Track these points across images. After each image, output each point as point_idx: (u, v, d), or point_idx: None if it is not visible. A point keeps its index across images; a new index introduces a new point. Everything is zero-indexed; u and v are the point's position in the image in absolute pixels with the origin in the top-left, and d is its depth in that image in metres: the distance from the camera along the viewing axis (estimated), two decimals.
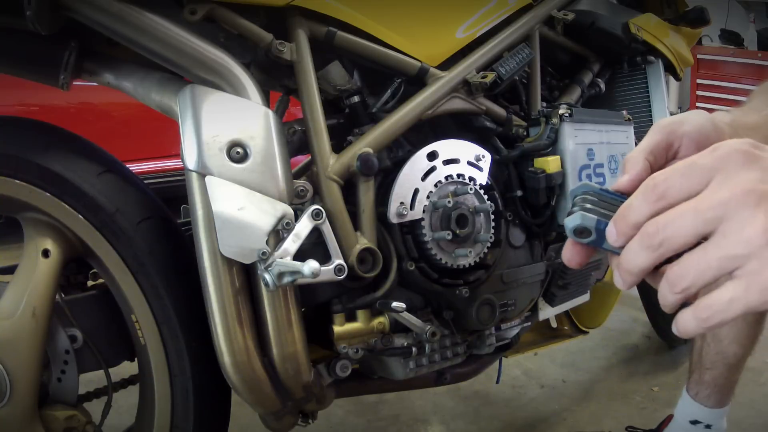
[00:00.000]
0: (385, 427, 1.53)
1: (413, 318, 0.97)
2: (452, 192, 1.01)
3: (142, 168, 2.92)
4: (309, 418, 1.04)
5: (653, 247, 0.38)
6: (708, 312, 0.36)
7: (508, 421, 1.56)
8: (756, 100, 0.61)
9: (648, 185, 0.39)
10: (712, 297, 0.36)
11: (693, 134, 0.47)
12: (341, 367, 1.00)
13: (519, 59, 1.13)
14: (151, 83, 0.94)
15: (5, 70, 0.95)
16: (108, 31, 0.85)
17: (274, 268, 0.81)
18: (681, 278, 0.37)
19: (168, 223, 0.96)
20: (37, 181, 0.87)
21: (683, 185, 0.38)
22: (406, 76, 1.06)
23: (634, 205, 0.39)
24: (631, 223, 0.39)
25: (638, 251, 0.39)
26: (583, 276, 1.26)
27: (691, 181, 0.38)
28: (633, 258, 0.39)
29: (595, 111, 1.20)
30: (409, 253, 0.99)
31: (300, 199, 0.93)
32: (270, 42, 0.93)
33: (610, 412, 1.59)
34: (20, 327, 0.86)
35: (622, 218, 0.40)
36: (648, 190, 0.39)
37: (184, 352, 0.92)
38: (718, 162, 0.37)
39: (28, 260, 0.89)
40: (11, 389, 0.85)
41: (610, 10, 1.30)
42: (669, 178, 0.38)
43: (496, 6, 1.17)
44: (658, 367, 1.83)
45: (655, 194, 0.39)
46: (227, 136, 0.84)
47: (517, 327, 1.20)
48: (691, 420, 1.25)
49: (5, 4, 0.82)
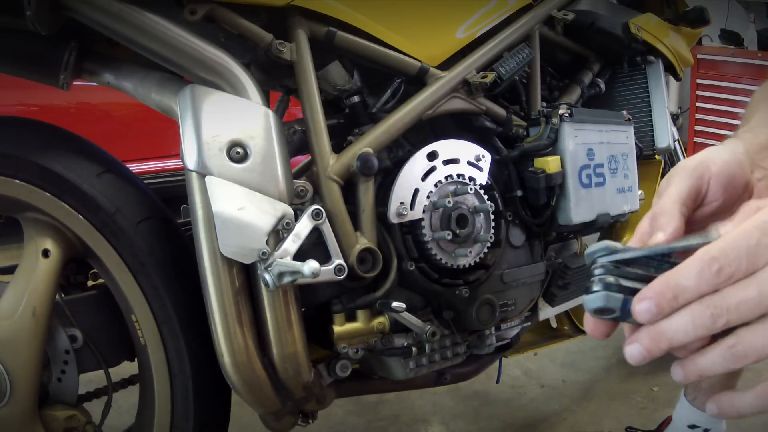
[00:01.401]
0: (385, 427, 1.53)
1: (413, 318, 0.97)
2: (452, 192, 1.01)
3: (142, 168, 2.92)
4: (309, 418, 1.04)
5: (712, 329, 0.35)
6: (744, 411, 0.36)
7: (508, 421, 1.56)
8: (759, 113, 0.57)
9: (705, 262, 0.35)
10: (742, 395, 0.36)
11: (721, 177, 0.44)
12: (341, 367, 1.00)
13: (519, 59, 1.13)
14: (151, 83, 0.94)
15: (5, 70, 0.95)
16: (108, 31, 0.85)
17: (274, 268, 0.81)
18: (744, 356, 0.35)
19: (168, 223, 0.96)
20: (37, 181, 0.87)
21: (749, 266, 0.35)
22: (406, 76, 1.06)
23: (686, 285, 0.36)
24: (680, 303, 0.36)
25: (691, 332, 0.36)
26: (583, 276, 1.26)
27: (758, 261, 0.35)
28: (685, 339, 0.36)
29: (595, 111, 1.20)
30: (409, 253, 0.99)
31: (300, 199, 0.93)
32: (270, 42, 0.93)
33: (610, 412, 1.59)
34: (20, 327, 0.86)
35: (667, 298, 0.36)
36: (706, 268, 0.35)
37: (184, 352, 0.92)
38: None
39: (28, 260, 0.89)
40: (11, 389, 0.85)
41: (610, 10, 1.30)
42: (732, 258, 0.35)
43: (496, 6, 1.17)
44: (658, 367, 1.83)
45: (714, 274, 0.35)
46: (227, 136, 0.84)
47: (517, 327, 1.20)
48: (689, 424, 1.25)
49: (5, 4, 0.82)
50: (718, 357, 0.36)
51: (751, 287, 0.34)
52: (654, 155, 1.51)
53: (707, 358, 0.36)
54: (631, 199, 1.23)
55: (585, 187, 1.15)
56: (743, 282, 0.35)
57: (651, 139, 1.49)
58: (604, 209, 1.18)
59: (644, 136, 1.47)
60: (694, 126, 4.26)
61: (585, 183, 1.15)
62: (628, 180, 1.24)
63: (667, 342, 0.37)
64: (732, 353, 0.35)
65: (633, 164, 1.27)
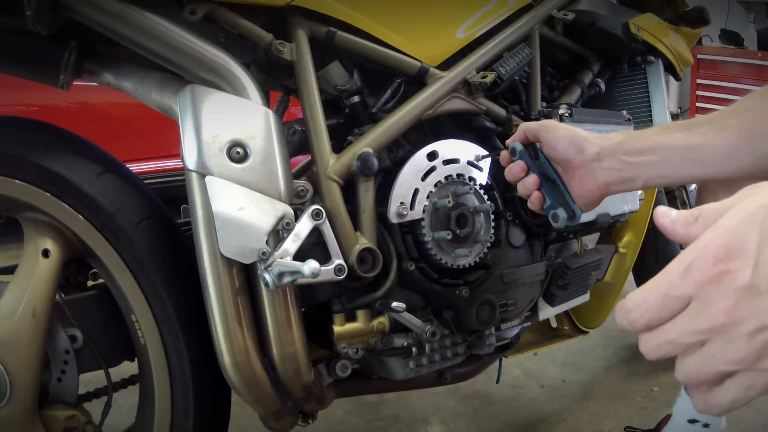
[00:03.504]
0: (385, 427, 1.53)
1: (413, 318, 0.97)
2: (452, 192, 1.01)
3: (142, 168, 2.92)
4: (309, 418, 1.04)
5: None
6: (716, 410, 0.39)
7: (508, 421, 1.56)
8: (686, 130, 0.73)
9: (621, 310, 0.41)
10: (717, 396, 0.38)
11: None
12: (341, 367, 1.00)
13: (519, 59, 1.13)
14: (151, 83, 0.94)
15: (5, 70, 0.95)
16: (108, 31, 0.85)
17: (274, 268, 0.81)
18: (686, 379, 0.39)
19: (168, 223, 0.96)
20: (37, 181, 0.87)
21: (663, 317, 0.39)
22: (406, 76, 1.06)
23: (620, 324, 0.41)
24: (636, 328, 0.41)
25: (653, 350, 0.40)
26: (583, 276, 1.26)
27: (672, 310, 0.39)
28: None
29: (595, 111, 1.20)
30: (409, 253, 0.99)
31: (300, 199, 0.93)
32: (270, 42, 0.93)
33: (610, 412, 1.59)
34: (20, 327, 0.86)
35: (625, 323, 0.41)
36: (622, 318, 0.40)
37: (184, 352, 0.92)
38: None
39: (28, 260, 0.89)
40: (11, 389, 0.85)
41: (610, 10, 1.30)
42: (644, 309, 0.39)
43: (496, 6, 1.17)
44: (658, 367, 1.83)
45: (630, 324, 0.40)
46: (227, 136, 0.84)
47: (517, 327, 1.20)
48: (689, 419, 1.25)
49: (5, 4, 0.82)
50: (679, 374, 0.40)
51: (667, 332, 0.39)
52: None
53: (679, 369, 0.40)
54: (631, 199, 1.23)
55: None
56: (664, 326, 0.39)
57: None
58: (604, 209, 1.18)
59: None
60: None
61: None
62: None
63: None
64: (679, 374, 0.39)
65: None
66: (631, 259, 1.46)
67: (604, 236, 1.51)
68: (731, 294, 0.35)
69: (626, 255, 1.46)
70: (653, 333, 0.39)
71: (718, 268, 0.36)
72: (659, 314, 0.38)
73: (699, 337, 0.37)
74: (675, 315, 0.38)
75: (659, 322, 0.39)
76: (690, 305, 0.37)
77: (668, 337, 0.38)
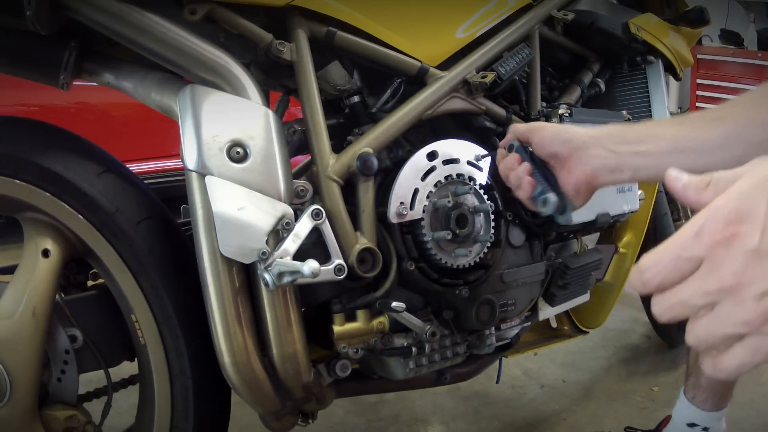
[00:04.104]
0: (385, 427, 1.53)
1: (413, 318, 0.97)
2: (452, 192, 1.01)
3: (142, 168, 2.92)
4: (309, 418, 1.04)
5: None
6: (724, 373, 0.40)
7: (508, 421, 1.56)
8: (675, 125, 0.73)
9: (635, 271, 0.42)
10: (725, 360, 0.39)
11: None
12: (341, 367, 1.00)
13: (519, 59, 1.13)
14: (151, 83, 0.94)
15: (5, 70, 0.95)
16: (108, 31, 0.85)
17: (274, 268, 0.81)
18: (696, 343, 0.40)
19: (168, 223, 0.96)
20: (37, 181, 0.87)
21: (675, 277, 0.40)
22: (406, 76, 1.06)
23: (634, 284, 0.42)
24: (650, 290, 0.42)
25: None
26: (583, 276, 1.26)
27: (683, 272, 0.40)
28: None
29: (595, 111, 1.20)
30: (409, 253, 0.99)
31: (300, 199, 0.93)
32: (270, 42, 0.93)
33: (610, 412, 1.59)
34: (20, 327, 0.86)
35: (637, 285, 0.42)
36: (636, 278, 0.42)
37: (184, 352, 0.92)
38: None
39: (28, 260, 0.89)
40: (11, 389, 0.85)
41: (610, 10, 1.30)
42: (658, 269, 0.40)
43: (496, 6, 1.17)
44: (658, 367, 1.83)
45: (643, 285, 0.41)
46: (227, 136, 0.84)
47: (517, 327, 1.20)
48: (689, 423, 1.24)
49: (5, 4, 0.82)
50: (689, 338, 0.41)
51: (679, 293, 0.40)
52: None
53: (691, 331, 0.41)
54: (630, 199, 1.23)
55: None
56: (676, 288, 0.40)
57: None
58: (604, 209, 1.18)
59: None
60: None
61: None
62: None
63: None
64: (689, 338, 0.40)
65: None
66: (631, 259, 1.46)
67: (604, 236, 1.51)
68: (740, 256, 0.37)
69: (626, 255, 1.46)
70: (665, 294, 0.40)
71: (729, 231, 0.37)
72: (671, 275, 0.39)
73: (709, 298, 0.38)
74: (686, 276, 0.39)
75: (671, 284, 0.40)
76: (701, 267, 0.38)
77: (680, 297, 0.39)
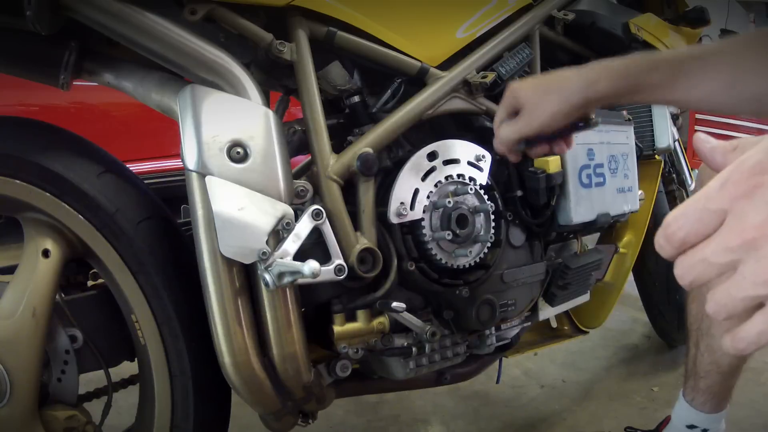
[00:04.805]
0: (385, 427, 1.53)
1: (413, 318, 0.97)
2: (452, 192, 1.01)
3: (142, 168, 2.92)
4: (309, 418, 1.04)
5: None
6: (743, 344, 0.39)
7: (508, 421, 1.56)
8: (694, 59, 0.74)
9: (661, 227, 0.41)
10: (744, 329, 0.38)
11: None
12: (341, 367, 1.00)
13: (519, 59, 1.13)
14: (151, 83, 0.94)
15: (5, 70, 0.95)
16: (108, 31, 0.85)
17: (274, 268, 0.81)
18: (715, 313, 0.39)
19: (168, 223, 0.96)
20: (37, 181, 0.87)
21: (699, 231, 0.39)
22: (406, 76, 1.06)
23: (662, 244, 0.42)
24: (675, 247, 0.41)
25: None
26: (583, 276, 1.26)
27: (709, 225, 0.39)
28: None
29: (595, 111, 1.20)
30: (409, 253, 0.99)
31: (300, 199, 0.93)
32: (270, 42, 0.93)
33: (610, 412, 1.59)
34: (20, 327, 0.86)
35: (661, 243, 0.42)
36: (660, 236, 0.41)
37: (184, 352, 0.92)
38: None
39: (28, 260, 0.89)
40: (11, 389, 0.84)
41: (610, 10, 1.30)
42: (681, 224, 0.39)
43: (496, 6, 1.17)
44: (658, 367, 1.83)
45: (668, 237, 0.40)
46: (227, 136, 0.84)
47: (517, 327, 1.20)
48: (688, 425, 1.24)
49: (5, 4, 0.82)
50: (710, 306, 0.40)
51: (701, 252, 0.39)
52: (654, 155, 1.51)
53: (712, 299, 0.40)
54: (631, 199, 1.24)
55: (585, 187, 1.15)
56: (698, 247, 0.39)
57: (651, 139, 1.49)
58: (604, 209, 1.18)
59: (644, 136, 1.47)
60: (694, 126, 4.26)
61: (585, 183, 1.15)
62: (628, 180, 1.24)
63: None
64: (710, 305, 0.39)
65: (633, 164, 1.27)
66: (631, 259, 1.46)
67: (604, 236, 1.51)
68: (764, 206, 0.36)
69: (626, 255, 1.46)
70: (688, 253, 0.40)
71: (753, 181, 0.37)
72: (695, 228, 0.39)
73: (732, 255, 0.37)
74: (710, 233, 0.38)
75: (695, 239, 0.39)
76: (724, 222, 0.38)
77: (702, 255, 0.39)
